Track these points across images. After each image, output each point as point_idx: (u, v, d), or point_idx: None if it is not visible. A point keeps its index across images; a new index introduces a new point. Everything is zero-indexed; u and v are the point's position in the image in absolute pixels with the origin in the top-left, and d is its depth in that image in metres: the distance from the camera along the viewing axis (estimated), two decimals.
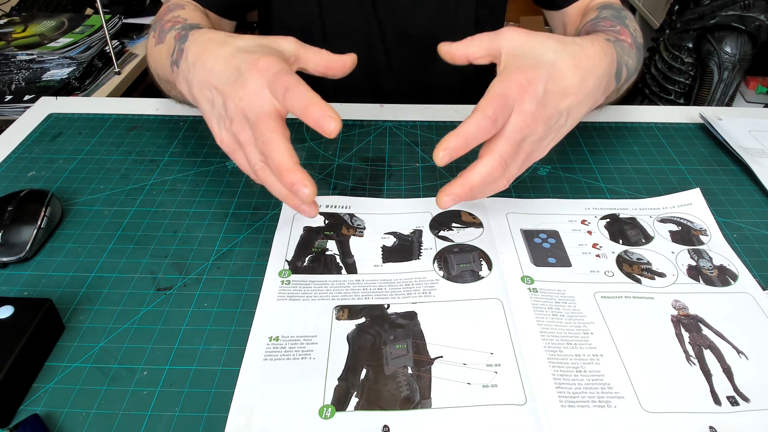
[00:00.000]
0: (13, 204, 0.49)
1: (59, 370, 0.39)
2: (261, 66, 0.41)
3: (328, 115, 0.38)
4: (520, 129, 0.41)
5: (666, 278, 0.46)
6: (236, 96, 0.41)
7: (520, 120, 0.41)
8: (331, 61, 0.46)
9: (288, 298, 0.44)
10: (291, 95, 0.39)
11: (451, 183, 0.42)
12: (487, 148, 0.42)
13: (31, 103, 0.93)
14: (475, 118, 0.39)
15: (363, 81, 0.78)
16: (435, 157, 0.39)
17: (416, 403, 0.37)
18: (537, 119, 0.41)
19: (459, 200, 0.41)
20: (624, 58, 0.52)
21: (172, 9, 0.60)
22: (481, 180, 0.41)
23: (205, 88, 0.45)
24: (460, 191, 0.41)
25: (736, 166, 0.60)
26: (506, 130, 0.41)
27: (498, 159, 0.41)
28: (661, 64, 1.47)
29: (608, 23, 0.57)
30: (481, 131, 0.40)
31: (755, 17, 1.29)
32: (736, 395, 0.38)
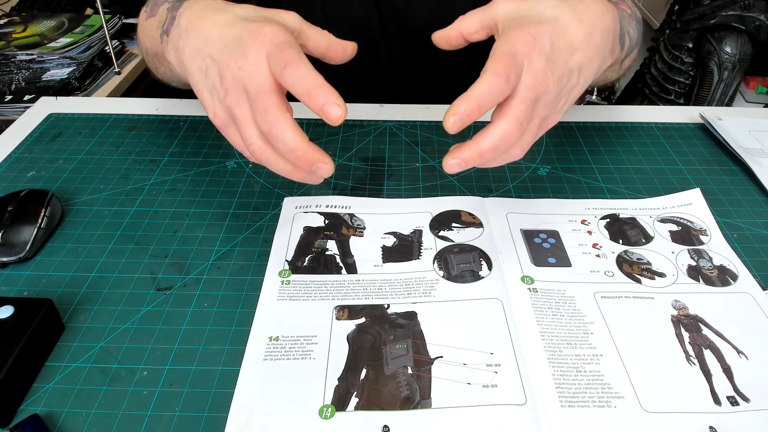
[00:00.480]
0: (13, 204, 0.49)
1: (59, 370, 0.39)
2: (264, 35, 0.37)
3: (334, 101, 0.35)
4: (533, 87, 0.37)
5: (666, 278, 0.46)
6: (234, 66, 0.38)
7: (531, 78, 0.37)
8: (332, 43, 0.43)
9: (288, 298, 0.44)
10: (292, 71, 0.36)
11: (461, 145, 0.38)
12: (499, 112, 0.38)
13: (31, 103, 0.93)
14: (486, 78, 0.36)
15: (364, 73, 0.78)
16: (445, 123, 0.36)
17: (416, 403, 0.37)
18: (548, 76, 0.38)
19: (467, 165, 0.38)
20: (625, 24, 0.49)
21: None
22: (493, 145, 0.37)
23: (198, 56, 0.41)
24: (469, 156, 0.37)
25: (736, 166, 0.60)
26: (519, 90, 0.37)
27: (513, 121, 0.37)
28: (661, 64, 1.47)
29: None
30: (495, 91, 0.36)
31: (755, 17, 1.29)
32: (736, 395, 0.38)
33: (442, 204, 0.54)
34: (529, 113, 0.38)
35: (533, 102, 0.38)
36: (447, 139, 0.64)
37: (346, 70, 0.78)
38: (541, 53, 0.38)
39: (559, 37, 0.39)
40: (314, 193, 0.55)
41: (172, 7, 0.48)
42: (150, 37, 0.52)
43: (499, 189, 0.56)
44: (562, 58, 0.39)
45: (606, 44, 0.43)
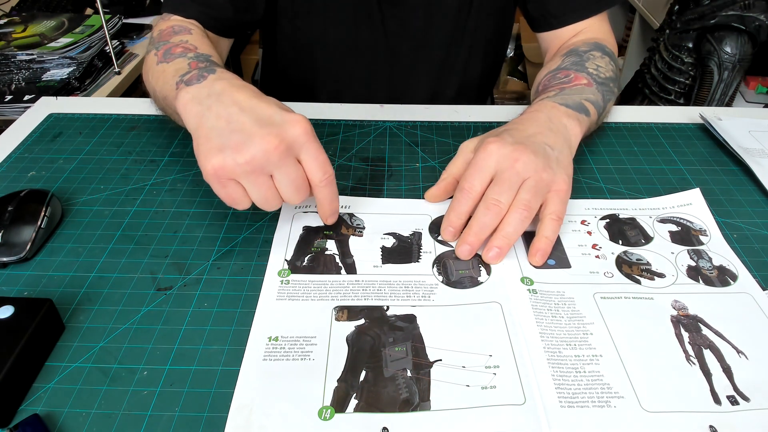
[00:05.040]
0: (13, 204, 0.49)
1: (59, 370, 0.39)
2: (302, 123, 0.44)
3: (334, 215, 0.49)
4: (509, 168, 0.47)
5: (666, 279, 0.46)
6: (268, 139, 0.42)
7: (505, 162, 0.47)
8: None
9: (287, 298, 0.44)
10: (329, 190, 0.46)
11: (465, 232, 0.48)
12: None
13: (31, 103, 0.93)
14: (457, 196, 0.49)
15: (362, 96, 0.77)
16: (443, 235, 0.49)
17: (415, 405, 0.37)
18: (521, 153, 0.47)
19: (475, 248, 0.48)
20: (575, 98, 0.57)
21: (177, 32, 0.60)
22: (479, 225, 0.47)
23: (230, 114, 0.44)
24: (470, 240, 0.47)
25: (736, 166, 0.60)
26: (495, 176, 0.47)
27: (488, 203, 0.46)
28: (661, 64, 1.47)
29: (562, 74, 0.62)
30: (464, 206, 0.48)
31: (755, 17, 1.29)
32: (736, 395, 0.38)
33: (442, 205, 0.54)
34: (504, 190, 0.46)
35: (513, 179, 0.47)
36: (447, 139, 0.64)
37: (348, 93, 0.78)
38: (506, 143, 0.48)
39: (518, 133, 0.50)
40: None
41: (197, 65, 0.52)
42: (163, 82, 0.55)
43: None
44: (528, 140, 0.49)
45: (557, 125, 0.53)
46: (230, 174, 0.42)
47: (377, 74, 0.77)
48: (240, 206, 0.44)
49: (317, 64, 0.76)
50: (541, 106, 0.55)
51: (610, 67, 0.63)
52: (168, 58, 0.56)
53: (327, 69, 0.77)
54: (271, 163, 0.42)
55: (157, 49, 0.58)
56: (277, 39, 0.77)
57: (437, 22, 0.73)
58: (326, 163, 0.45)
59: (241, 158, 0.41)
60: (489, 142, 0.48)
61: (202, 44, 0.58)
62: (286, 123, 0.43)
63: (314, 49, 0.75)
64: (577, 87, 0.59)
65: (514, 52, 2.34)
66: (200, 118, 0.45)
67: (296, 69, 0.79)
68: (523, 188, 0.46)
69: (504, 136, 0.49)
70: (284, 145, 0.42)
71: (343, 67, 0.76)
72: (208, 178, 0.43)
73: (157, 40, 0.60)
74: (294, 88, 0.81)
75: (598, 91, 0.59)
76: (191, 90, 0.47)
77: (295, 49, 0.77)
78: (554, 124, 0.52)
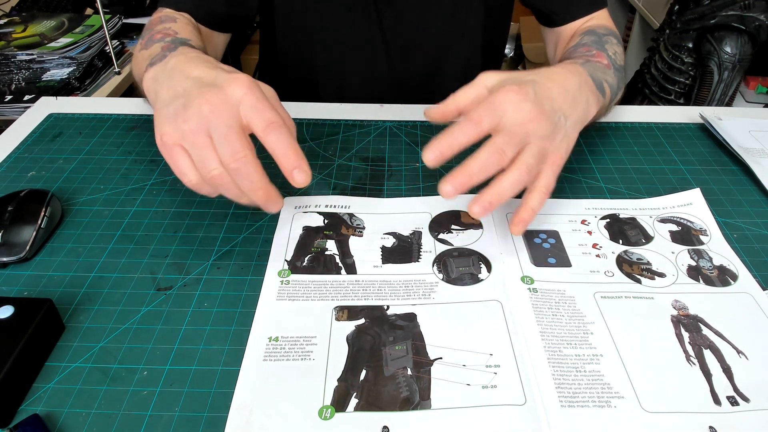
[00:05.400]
0: (13, 204, 0.49)
1: (59, 370, 0.39)
2: (242, 80, 0.42)
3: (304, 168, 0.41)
4: (521, 124, 0.42)
5: (666, 278, 0.46)
6: (202, 100, 0.41)
7: (518, 116, 0.43)
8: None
9: (287, 298, 0.44)
10: (274, 133, 0.40)
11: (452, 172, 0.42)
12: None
13: (31, 103, 0.93)
14: (460, 121, 0.43)
15: (361, 92, 0.78)
16: (424, 158, 0.42)
17: (416, 404, 0.37)
18: (538, 113, 0.43)
19: (460, 190, 0.41)
20: (599, 75, 0.54)
21: (163, 20, 0.61)
22: (476, 167, 0.41)
23: (173, 88, 0.44)
24: (460, 179, 0.41)
25: (736, 166, 0.60)
26: (504, 126, 0.43)
27: (491, 146, 0.42)
28: (661, 64, 1.47)
29: (585, 49, 0.60)
30: (465, 131, 0.42)
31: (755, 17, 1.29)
32: (736, 395, 0.38)
33: (441, 204, 0.54)
34: (512, 143, 0.42)
35: (520, 136, 0.42)
36: None
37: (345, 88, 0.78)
38: (527, 98, 0.43)
39: (542, 90, 0.46)
40: (314, 192, 0.55)
41: (166, 47, 0.52)
42: (138, 67, 0.56)
43: None
44: (548, 103, 0.45)
45: (580, 95, 0.49)
46: (173, 139, 0.41)
47: (377, 70, 0.77)
48: (186, 177, 0.42)
49: (317, 59, 0.77)
50: (575, 68, 0.52)
51: (623, 57, 0.63)
52: (148, 45, 0.56)
53: (326, 64, 0.77)
54: (207, 121, 0.40)
55: (143, 38, 0.59)
56: (276, 36, 0.77)
57: (432, 19, 0.73)
58: (267, 110, 0.41)
59: (180, 119, 0.41)
60: (511, 90, 0.44)
61: (182, 30, 0.58)
62: (225, 82, 0.42)
63: (313, 45, 0.75)
64: (600, 65, 0.57)
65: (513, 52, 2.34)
66: (155, 95, 0.46)
67: (296, 65, 0.79)
68: (528, 151, 0.43)
69: (527, 89, 0.45)
70: (222, 103, 0.41)
71: (343, 62, 0.77)
72: (159, 147, 0.42)
73: (145, 29, 0.61)
74: (295, 85, 0.81)
75: (615, 76, 0.58)
76: (152, 70, 0.48)
77: (295, 46, 0.77)
78: (580, 95, 0.49)
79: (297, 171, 0.40)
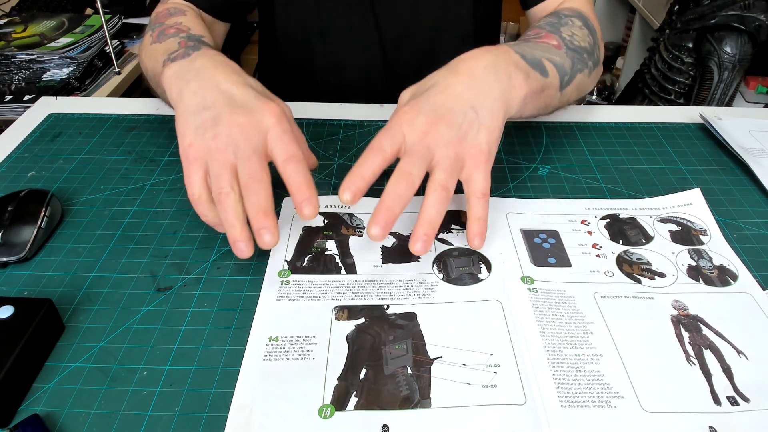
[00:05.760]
0: (13, 204, 0.49)
1: (59, 370, 0.39)
2: (272, 107, 0.44)
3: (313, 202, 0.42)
4: (420, 140, 0.43)
5: (666, 278, 0.46)
6: (234, 120, 0.43)
7: (415, 135, 0.44)
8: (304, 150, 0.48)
9: (287, 298, 0.44)
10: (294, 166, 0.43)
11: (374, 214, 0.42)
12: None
13: (31, 103, 0.93)
14: (364, 153, 0.44)
15: (359, 82, 0.78)
16: (341, 198, 0.42)
17: (416, 403, 0.37)
18: (432, 125, 0.44)
19: (387, 226, 0.41)
20: (537, 53, 0.53)
21: (172, 14, 0.62)
22: (390, 199, 0.42)
23: (201, 95, 0.46)
24: (381, 217, 0.41)
25: (736, 166, 0.60)
26: (406, 149, 0.44)
27: (397, 173, 0.43)
28: (661, 64, 1.47)
29: (534, 32, 0.60)
30: (372, 161, 0.43)
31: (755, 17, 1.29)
32: (736, 395, 0.38)
33: None
34: (416, 162, 0.43)
35: (421, 152, 0.43)
36: None
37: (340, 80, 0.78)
38: (419, 112, 0.44)
39: (440, 94, 0.46)
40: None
41: (186, 43, 0.53)
42: (154, 60, 0.56)
43: (499, 189, 0.56)
44: (445, 106, 0.45)
45: (495, 74, 0.47)
46: (199, 153, 0.43)
47: (373, 62, 0.77)
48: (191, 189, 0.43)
49: (314, 52, 0.77)
50: (493, 48, 0.50)
51: (587, 39, 0.61)
52: (161, 38, 0.57)
53: (323, 57, 0.77)
54: (235, 143, 0.43)
55: (152, 31, 0.60)
56: (276, 31, 0.78)
57: (423, 11, 0.74)
58: (290, 143, 0.43)
59: (209, 134, 0.43)
60: (402, 111, 0.45)
61: (195, 25, 0.60)
62: (257, 108, 0.44)
63: (310, 37, 0.76)
64: (544, 45, 0.56)
65: None
66: (179, 93, 0.47)
67: (295, 60, 0.79)
68: (437, 166, 0.43)
69: (420, 102, 0.45)
70: (252, 128, 0.43)
71: (340, 55, 0.77)
72: (182, 155, 0.44)
73: (153, 22, 0.62)
74: (294, 81, 0.82)
75: (566, 56, 0.56)
76: (174, 66, 0.50)
77: (293, 38, 0.78)
78: (493, 73, 0.47)
79: (306, 203, 0.42)
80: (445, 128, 0.44)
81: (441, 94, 0.46)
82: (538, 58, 0.52)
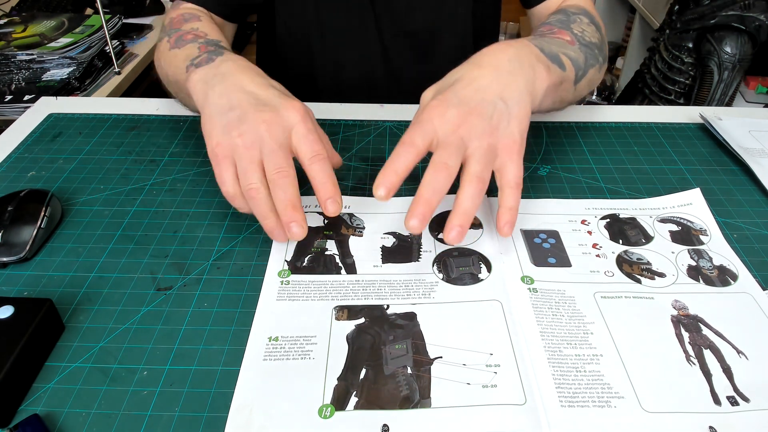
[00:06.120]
0: (13, 204, 0.49)
1: (59, 370, 0.39)
2: (296, 106, 0.46)
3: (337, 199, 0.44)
4: (453, 132, 0.43)
5: (666, 278, 0.46)
6: (260, 118, 0.44)
7: (447, 127, 0.44)
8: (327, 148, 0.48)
9: (287, 298, 0.44)
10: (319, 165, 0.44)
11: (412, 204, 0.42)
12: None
13: (31, 103, 0.93)
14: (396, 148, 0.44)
15: (358, 82, 0.78)
16: (376, 195, 0.42)
17: (416, 403, 0.37)
18: (464, 117, 0.44)
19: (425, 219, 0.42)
20: (554, 48, 0.54)
21: (187, 19, 0.63)
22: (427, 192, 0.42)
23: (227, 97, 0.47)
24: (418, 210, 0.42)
25: (736, 166, 0.60)
26: (439, 141, 0.44)
27: (433, 165, 0.43)
28: (661, 64, 1.47)
29: (546, 28, 0.60)
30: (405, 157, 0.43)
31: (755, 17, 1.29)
32: (736, 395, 0.38)
33: (442, 204, 0.54)
34: (451, 153, 0.43)
35: (456, 143, 0.43)
36: None
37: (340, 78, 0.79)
38: (449, 105, 0.45)
39: (467, 87, 0.46)
40: (314, 193, 0.55)
41: (206, 48, 0.54)
42: (175, 67, 0.58)
43: None
44: (474, 98, 0.45)
45: (519, 66, 0.48)
46: (226, 151, 0.44)
47: (373, 62, 0.77)
48: (225, 187, 0.45)
49: (314, 52, 0.77)
50: (514, 42, 0.51)
51: (596, 35, 0.62)
52: (179, 44, 0.58)
53: (323, 57, 0.77)
54: (261, 139, 0.44)
55: (169, 36, 0.61)
56: (275, 27, 0.78)
57: (422, 10, 0.74)
58: (315, 142, 0.45)
59: (236, 132, 0.44)
60: (432, 105, 0.45)
61: (211, 30, 0.61)
62: (282, 106, 0.45)
63: (310, 37, 0.76)
64: (559, 40, 0.57)
65: None
66: (206, 96, 0.48)
67: (294, 59, 0.80)
68: (472, 157, 0.43)
69: (448, 96, 0.45)
70: (277, 125, 0.44)
71: (340, 55, 0.77)
72: (210, 154, 0.46)
73: (168, 27, 0.64)
74: (293, 80, 0.82)
75: (580, 51, 0.57)
76: (200, 71, 0.51)
77: (293, 38, 0.78)
78: (518, 65, 0.48)
79: (330, 201, 0.44)
80: (477, 120, 0.44)
81: (468, 87, 0.46)
82: (555, 52, 0.53)
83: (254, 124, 0.44)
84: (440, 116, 0.44)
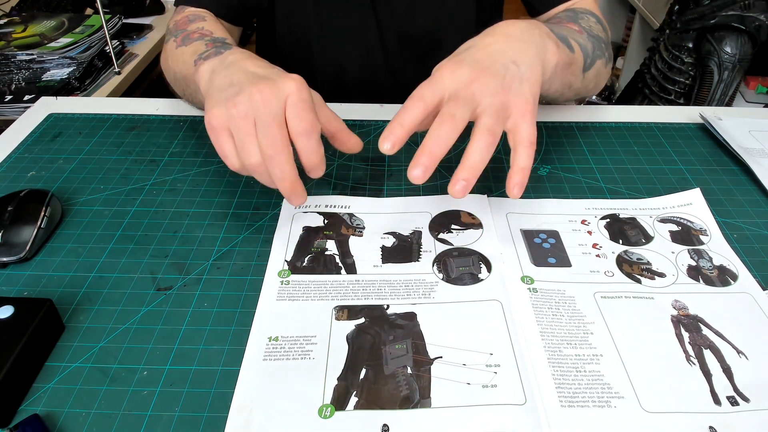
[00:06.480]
0: (13, 204, 0.49)
1: (59, 370, 0.39)
2: (295, 78, 0.45)
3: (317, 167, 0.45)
4: (466, 86, 0.43)
5: (666, 278, 0.46)
6: (255, 89, 0.44)
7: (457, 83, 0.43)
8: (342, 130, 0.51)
9: (287, 298, 0.44)
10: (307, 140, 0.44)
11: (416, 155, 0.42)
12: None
13: (31, 103, 0.93)
14: (405, 102, 0.43)
15: (360, 82, 0.78)
16: (381, 147, 0.42)
17: (416, 403, 0.37)
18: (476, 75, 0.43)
19: (428, 170, 0.41)
20: (563, 32, 0.55)
21: (192, 20, 0.64)
22: (434, 143, 0.41)
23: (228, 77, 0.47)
24: (424, 160, 0.41)
25: (736, 166, 0.60)
26: (450, 96, 0.43)
27: (441, 116, 0.42)
28: (661, 64, 1.47)
29: (555, 20, 0.62)
30: (412, 111, 0.42)
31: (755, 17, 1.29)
32: (736, 395, 0.38)
33: (442, 203, 0.54)
34: (460, 106, 0.42)
35: (466, 97, 0.43)
36: None
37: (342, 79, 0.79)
38: (462, 64, 0.44)
39: (480, 52, 0.46)
40: (314, 192, 0.55)
41: (213, 44, 0.55)
42: (182, 63, 0.58)
43: (499, 189, 0.56)
44: (488, 59, 0.45)
45: (531, 37, 0.48)
46: (221, 122, 0.44)
47: (374, 62, 0.77)
48: (229, 161, 0.45)
49: (314, 52, 0.77)
50: (524, 20, 0.51)
51: (603, 32, 0.64)
52: (186, 42, 0.59)
53: (323, 57, 0.77)
54: (256, 108, 0.43)
55: (175, 37, 0.62)
56: (276, 27, 0.78)
57: (423, 11, 0.74)
58: (306, 110, 0.44)
59: (231, 103, 0.44)
60: (444, 64, 0.45)
61: (216, 29, 0.62)
62: (279, 77, 0.45)
63: (310, 37, 0.76)
64: (567, 28, 0.58)
65: None
66: (210, 82, 0.49)
67: (294, 58, 0.80)
68: (484, 112, 0.43)
69: (461, 57, 0.45)
70: (272, 93, 0.44)
71: (340, 55, 0.77)
72: (207, 128, 0.45)
73: (174, 29, 0.64)
74: None
75: (588, 40, 0.58)
76: (208, 62, 0.51)
77: (293, 38, 0.78)
78: (531, 37, 0.48)
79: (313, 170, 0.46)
80: (490, 78, 0.43)
81: (481, 51, 0.46)
82: (564, 35, 0.54)
83: (249, 94, 0.44)
84: (451, 73, 0.44)
